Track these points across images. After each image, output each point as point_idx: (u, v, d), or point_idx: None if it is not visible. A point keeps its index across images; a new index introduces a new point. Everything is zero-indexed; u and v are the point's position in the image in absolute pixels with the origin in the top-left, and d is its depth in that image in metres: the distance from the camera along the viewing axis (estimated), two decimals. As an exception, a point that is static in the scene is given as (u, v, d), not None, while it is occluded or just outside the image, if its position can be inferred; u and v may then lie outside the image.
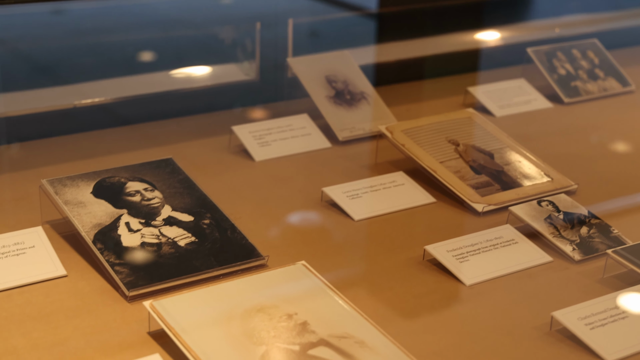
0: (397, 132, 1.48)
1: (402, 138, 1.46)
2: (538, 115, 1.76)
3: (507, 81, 1.84)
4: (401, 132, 1.48)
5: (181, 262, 1.14)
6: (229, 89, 1.73)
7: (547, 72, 1.85)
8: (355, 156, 1.53)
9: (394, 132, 1.47)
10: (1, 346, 1.00)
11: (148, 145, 1.51)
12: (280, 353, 0.98)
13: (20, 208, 1.28)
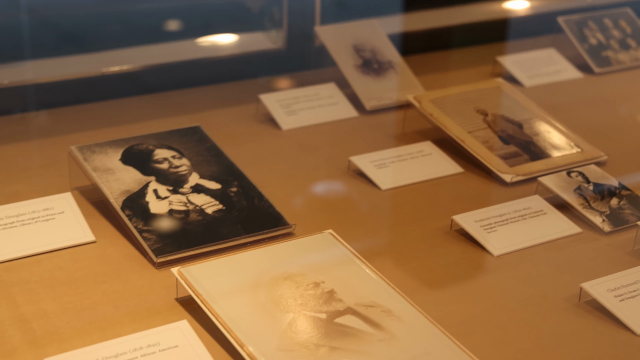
0: (425, 102, 1.46)
1: (430, 107, 1.45)
2: (568, 85, 1.74)
3: (537, 51, 1.82)
4: (429, 102, 1.47)
5: (208, 229, 1.15)
6: (255, 57, 1.72)
7: (577, 41, 1.83)
8: (383, 125, 1.52)
9: (422, 102, 1.46)
10: (32, 309, 1.01)
11: (175, 113, 1.51)
12: (307, 321, 0.98)
13: (49, 174, 1.28)
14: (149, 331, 0.96)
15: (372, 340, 0.97)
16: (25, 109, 1.48)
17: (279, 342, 0.95)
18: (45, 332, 0.98)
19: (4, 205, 1.14)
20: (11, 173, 1.28)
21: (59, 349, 0.94)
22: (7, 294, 1.03)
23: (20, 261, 1.08)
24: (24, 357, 0.94)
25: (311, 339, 0.96)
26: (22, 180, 1.26)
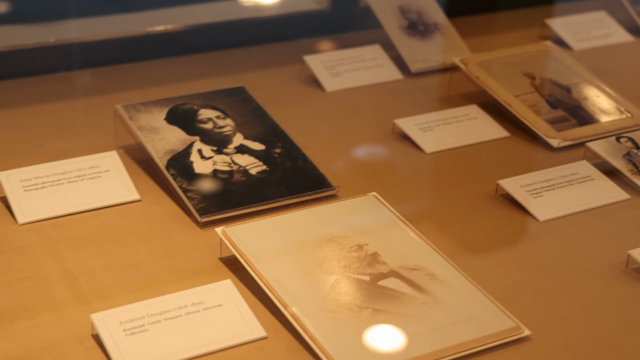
0: (472, 65, 1.44)
1: (476, 70, 1.43)
2: (618, 49, 1.70)
3: (587, 13, 1.78)
4: (475, 65, 1.44)
5: (252, 190, 1.15)
6: (299, 18, 1.71)
7: (629, 4, 1.78)
8: (428, 88, 1.50)
9: (468, 65, 1.44)
10: (78, 266, 1.02)
11: (219, 74, 1.51)
12: (351, 283, 0.98)
13: (94, 132, 1.29)
14: (193, 290, 0.96)
15: (416, 303, 0.96)
16: (70, 68, 1.49)
17: (322, 304, 0.95)
18: (92, 288, 0.99)
19: (51, 163, 1.15)
20: (57, 131, 1.29)
21: (104, 305, 0.95)
22: (54, 251, 1.04)
23: (67, 218, 1.10)
24: (71, 312, 0.95)
25: (354, 300, 0.96)
26: (68, 138, 1.27)
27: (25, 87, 1.41)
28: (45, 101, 1.37)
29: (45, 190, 1.11)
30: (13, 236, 1.06)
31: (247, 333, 0.93)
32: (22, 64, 1.44)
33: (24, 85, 1.41)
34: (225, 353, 0.91)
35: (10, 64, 1.43)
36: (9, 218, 1.09)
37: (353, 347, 0.91)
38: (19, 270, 1.00)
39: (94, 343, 0.91)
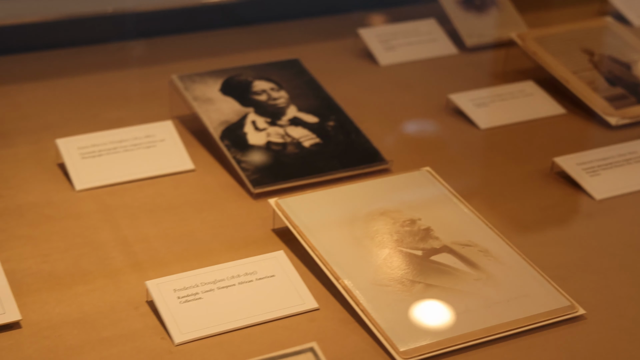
0: (529, 40, 1.42)
1: (533, 46, 1.41)
2: (680, 26, 1.66)
3: (648, -11, 1.73)
4: (533, 40, 1.42)
5: (305, 162, 1.15)
6: (354, -9, 1.70)
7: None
8: (483, 63, 1.48)
9: (526, 40, 1.42)
10: (133, 233, 1.03)
11: (273, 46, 1.51)
12: (403, 257, 0.98)
13: (149, 102, 1.30)
14: (246, 260, 0.97)
15: (468, 279, 0.96)
16: (125, 38, 1.50)
17: (374, 277, 0.95)
18: (146, 255, 1.00)
19: (108, 131, 1.16)
20: (114, 100, 1.31)
21: (159, 272, 0.97)
22: (110, 218, 1.05)
23: (123, 186, 1.11)
24: (127, 278, 0.96)
25: (406, 275, 0.96)
26: (124, 107, 1.29)
27: (82, 56, 1.43)
28: (101, 70, 1.39)
29: (102, 158, 1.13)
30: (70, 202, 1.07)
31: (299, 304, 0.94)
32: (80, 33, 1.46)
33: (81, 54, 1.43)
34: (277, 323, 0.92)
35: (69, 32, 1.45)
36: (66, 185, 1.10)
37: (404, 321, 0.91)
38: (76, 236, 1.02)
39: (148, 309, 0.92)
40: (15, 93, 1.30)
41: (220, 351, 0.88)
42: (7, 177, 1.10)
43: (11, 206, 1.05)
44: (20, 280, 0.94)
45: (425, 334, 0.89)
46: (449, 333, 0.90)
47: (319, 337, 0.89)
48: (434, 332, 0.90)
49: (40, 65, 1.39)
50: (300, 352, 0.81)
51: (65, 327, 0.89)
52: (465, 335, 0.90)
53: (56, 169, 1.13)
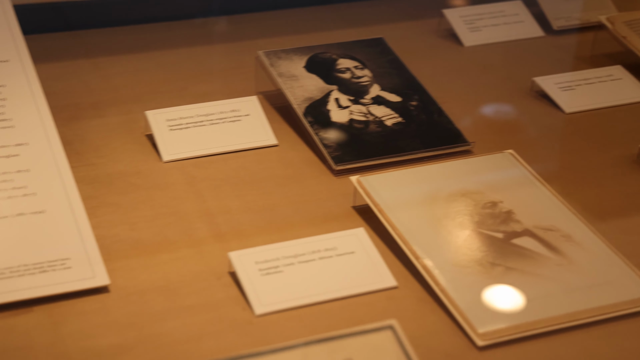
0: (619, 24, 1.39)
1: (623, 30, 1.38)
2: None
3: None
4: (623, 24, 1.39)
5: (387, 141, 1.15)
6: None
7: None
8: (570, 47, 1.46)
9: (615, 23, 1.39)
10: (217, 205, 1.06)
11: (357, 24, 1.51)
12: (484, 239, 0.98)
13: (235, 77, 1.32)
14: (326, 235, 0.98)
15: (550, 264, 0.95)
16: (213, 14, 1.52)
17: (454, 257, 0.95)
18: (229, 227, 1.03)
19: (195, 104, 1.19)
20: (200, 74, 1.33)
21: (241, 244, 0.99)
22: (195, 189, 1.08)
23: (208, 158, 1.13)
24: (210, 249, 0.99)
25: (486, 257, 0.96)
26: (210, 82, 1.31)
27: (172, 30, 1.45)
28: (190, 45, 1.41)
29: (189, 131, 1.15)
30: (158, 173, 1.10)
31: (378, 281, 0.95)
32: (170, 8, 1.49)
33: (171, 28, 1.46)
34: (355, 299, 0.93)
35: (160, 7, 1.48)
36: (154, 155, 1.13)
37: (483, 303, 0.91)
38: (162, 206, 1.05)
39: (230, 280, 0.95)
40: (107, 65, 1.34)
41: (299, 324, 0.89)
42: (98, 146, 1.14)
43: (102, 174, 1.09)
44: (109, 246, 0.97)
45: (503, 317, 0.89)
46: (528, 317, 0.90)
47: (397, 315, 0.89)
48: (512, 316, 0.90)
49: (131, 38, 1.42)
50: (379, 329, 0.82)
51: (150, 293, 0.92)
52: (544, 320, 0.89)
53: (144, 140, 1.16)
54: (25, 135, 1.04)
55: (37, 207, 0.97)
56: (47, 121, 1.06)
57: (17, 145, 1.03)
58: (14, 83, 1.10)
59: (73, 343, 0.85)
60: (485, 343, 0.87)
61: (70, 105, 1.22)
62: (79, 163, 1.10)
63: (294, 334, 0.88)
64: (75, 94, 1.26)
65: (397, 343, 0.81)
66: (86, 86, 1.28)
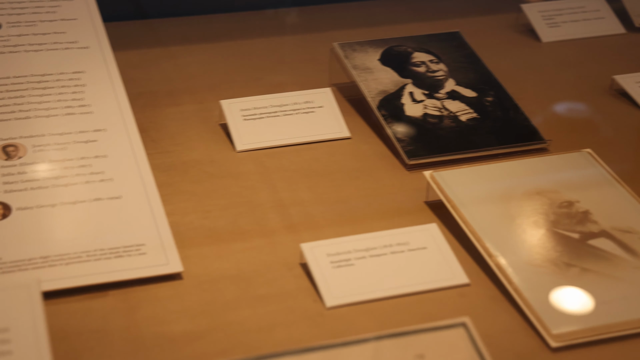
0: None
1: None
2: None
3: None
4: None
5: (461, 137, 1.14)
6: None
7: None
8: (652, 44, 1.43)
9: (701, 21, 1.35)
10: (290, 196, 1.06)
11: (433, 18, 1.50)
12: (559, 239, 0.96)
13: (309, 68, 1.32)
14: (398, 230, 0.98)
15: (627, 266, 0.93)
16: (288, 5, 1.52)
17: (528, 256, 0.94)
18: (301, 218, 1.03)
19: (269, 95, 1.19)
20: (274, 65, 1.34)
21: (313, 236, 0.99)
22: (268, 179, 1.09)
23: (281, 149, 1.14)
24: (282, 239, 0.99)
25: (561, 257, 0.94)
26: (284, 73, 1.32)
27: (248, 21, 1.46)
28: (265, 35, 1.42)
29: (263, 121, 1.16)
30: (231, 162, 1.11)
31: (450, 278, 0.94)
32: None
33: (247, 19, 1.47)
34: (426, 295, 0.92)
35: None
36: (227, 145, 1.14)
37: (557, 303, 0.89)
38: (235, 195, 1.06)
39: (301, 271, 0.95)
40: (183, 54, 1.35)
41: (370, 318, 0.89)
42: (174, 134, 1.15)
43: (177, 162, 1.10)
44: (183, 233, 0.98)
45: (578, 319, 0.88)
46: (603, 320, 0.88)
47: (468, 313, 0.88)
48: (587, 318, 0.88)
49: (205, 28, 1.44)
50: (452, 326, 0.81)
51: (223, 281, 0.93)
52: (620, 324, 0.87)
53: (218, 129, 1.17)
54: (104, 121, 1.06)
55: (114, 192, 0.98)
56: (124, 108, 1.08)
57: (95, 131, 1.05)
58: (93, 69, 1.12)
59: (147, 328, 0.86)
60: (559, 345, 0.86)
61: (146, 92, 1.24)
62: (154, 150, 1.11)
63: (364, 327, 0.88)
64: (152, 82, 1.27)
65: (470, 341, 0.80)
66: (162, 74, 1.30)
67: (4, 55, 1.11)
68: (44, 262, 0.90)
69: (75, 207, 0.96)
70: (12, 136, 1.02)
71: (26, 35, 1.14)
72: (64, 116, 1.06)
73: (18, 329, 0.72)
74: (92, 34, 1.16)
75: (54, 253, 0.91)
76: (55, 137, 1.03)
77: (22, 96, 1.07)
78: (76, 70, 1.11)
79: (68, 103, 1.07)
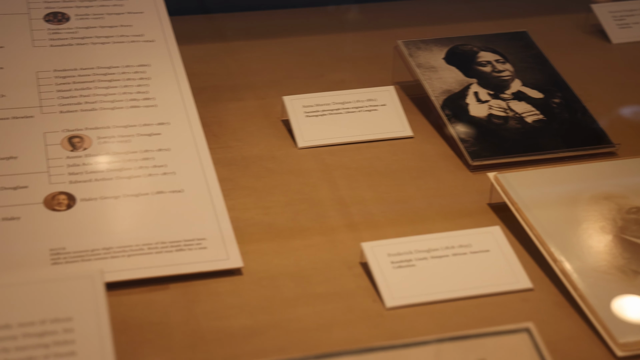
0: None
1: None
2: None
3: None
4: None
5: (526, 138, 1.12)
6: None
7: None
8: None
9: None
10: (350, 194, 1.05)
11: (498, 17, 1.47)
12: (627, 245, 0.93)
13: (371, 66, 1.31)
14: (461, 232, 0.96)
15: (699, 276, 0.90)
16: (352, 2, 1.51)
17: (595, 262, 0.91)
18: (362, 217, 1.02)
19: (331, 92, 1.19)
20: (336, 62, 1.33)
21: (373, 235, 0.98)
22: (329, 177, 1.08)
23: (342, 147, 1.13)
24: (342, 238, 0.98)
25: (629, 264, 0.91)
26: (346, 70, 1.31)
27: (311, 17, 1.46)
28: (328, 32, 1.41)
29: (325, 118, 1.15)
30: (292, 159, 1.11)
31: (513, 282, 0.92)
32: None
33: (310, 15, 1.46)
34: (488, 299, 0.90)
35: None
36: (289, 141, 1.14)
37: (624, 311, 0.86)
38: (296, 192, 1.05)
39: (361, 270, 0.94)
40: (245, 49, 1.35)
41: (430, 320, 0.88)
42: (235, 129, 1.15)
43: (238, 157, 1.10)
44: (243, 229, 0.98)
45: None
46: (672, 331, 0.85)
47: (531, 318, 0.86)
48: (656, 328, 0.85)
49: (267, 24, 1.43)
50: (515, 331, 0.79)
51: (282, 278, 0.92)
52: (690, 336, 0.85)
53: (280, 125, 1.17)
54: (167, 114, 1.07)
55: (176, 186, 0.99)
56: (188, 102, 1.08)
57: (159, 124, 1.05)
58: (158, 63, 1.13)
59: (206, 322, 0.86)
60: (626, 354, 0.83)
61: (209, 87, 1.24)
62: (216, 145, 1.11)
63: (424, 329, 0.86)
64: (214, 77, 1.28)
65: (534, 347, 0.78)
66: (225, 69, 1.30)
67: (72, 47, 1.12)
68: (106, 253, 0.90)
69: (137, 199, 0.97)
70: (78, 127, 1.03)
71: (94, 28, 1.15)
72: (128, 109, 1.07)
73: (81, 318, 0.72)
74: (158, 27, 1.17)
75: (116, 245, 0.91)
76: (119, 129, 1.04)
77: (89, 88, 1.08)
78: (141, 63, 1.12)
79: (133, 96, 1.08)
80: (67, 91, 1.08)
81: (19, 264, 0.88)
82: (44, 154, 1.00)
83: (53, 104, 1.06)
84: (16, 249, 0.90)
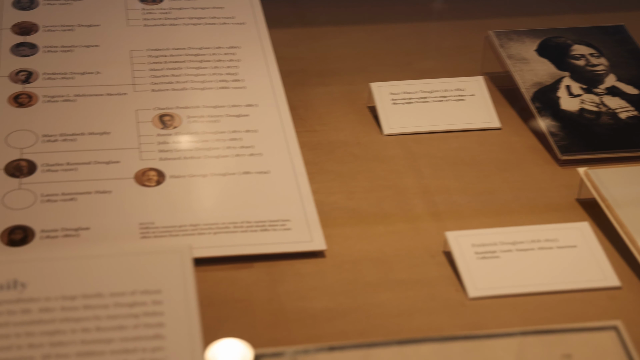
0: None
1: None
2: None
3: None
4: None
5: (619, 135, 1.09)
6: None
7: None
8: None
9: None
10: (435, 183, 1.04)
11: (593, 10, 1.44)
12: None
13: (460, 56, 1.29)
14: (547, 226, 0.94)
15: None
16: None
17: (687, 264, 0.89)
18: (446, 207, 1.01)
19: (420, 80, 1.18)
20: (424, 50, 1.32)
21: (457, 225, 0.97)
22: (414, 165, 1.07)
23: (429, 135, 1.12)
24: (425, 226, 0.98)
25: None
26: (434, 59, 1.29)
27: (396, 4, 1.45)
28: (416, 20, 1.40)
29: (412, 106, 1.15)
30: (378, 145, 1.10)
31: (600, 279, 0.90)
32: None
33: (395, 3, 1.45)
34: (573, 295, 0.89)
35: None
36: (374, 128, 1.14)
37: None
38: (381, 179, 1.05)
39: (444, 259, 0.93)
40: (333, 35, 1.35)
41: (512, 312, 0.86)
42: (321, 114, 1.16)
43: (323, 142, 1.10)
44: (327, 213, 0.98)
45: None
46: None
47: (617, 317, 0.84)
48: None
49: (356, 10, 1.43)
50: (602, 329, 0.78)
51: (364, 263, 0.92)
52: None
53: (366, 111, 1.17)
54: (256, 96, 1.08)
55: (263, 167, 1.00)
56: (276, 85, 1.09)
57: (247, 105, 1.07)
58: (248, 45, 1.14)
59: (289, 302, 0.87)
60: None
61: (297, 71, 1.24)
62: (302, 128, 1.12)
63: (506, 321, 0.85)
64: (302, 61, 1.28)
65: (621, 345, 0.77)
66: (312, 54, 1.31)
67: (164, 27, 1.14)
68: (193, 230, 0.92)
69: (224, 178, 0.98)
70: (169, 106, 1.05)
71: (186, 9, 1.17)
72: (218, 89, 1.08)
73: (169, 291, 0.74)
74: (248, 10, 1.18)
75: (203, 222, 0.93)
76: (209, 109, 1.05)
77: (180, 68, 1.10)
78: (232, 45, 1.14)
79: (222, 77, 1.09)
80: (159, 70, 1.10)
81: (110, 236, 0.90)
82: (135, 131, 1.02)
83: (145, 82, 1.08)
84: (107, 221, 0.92)
